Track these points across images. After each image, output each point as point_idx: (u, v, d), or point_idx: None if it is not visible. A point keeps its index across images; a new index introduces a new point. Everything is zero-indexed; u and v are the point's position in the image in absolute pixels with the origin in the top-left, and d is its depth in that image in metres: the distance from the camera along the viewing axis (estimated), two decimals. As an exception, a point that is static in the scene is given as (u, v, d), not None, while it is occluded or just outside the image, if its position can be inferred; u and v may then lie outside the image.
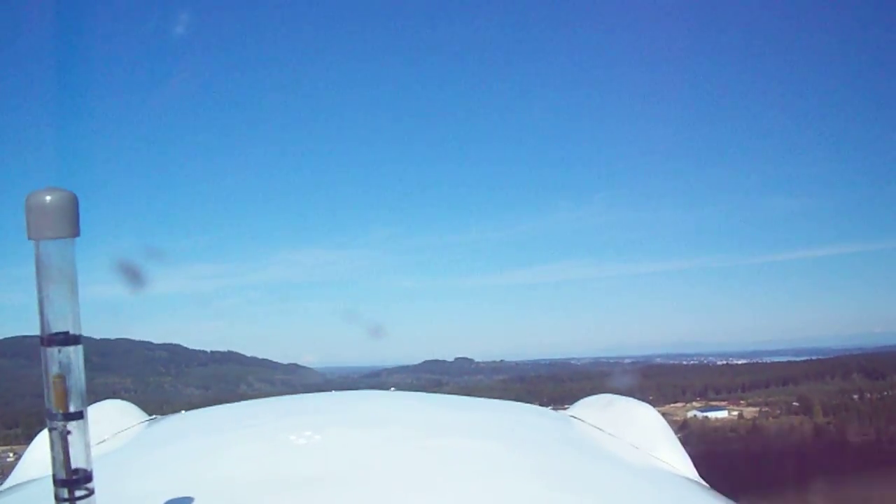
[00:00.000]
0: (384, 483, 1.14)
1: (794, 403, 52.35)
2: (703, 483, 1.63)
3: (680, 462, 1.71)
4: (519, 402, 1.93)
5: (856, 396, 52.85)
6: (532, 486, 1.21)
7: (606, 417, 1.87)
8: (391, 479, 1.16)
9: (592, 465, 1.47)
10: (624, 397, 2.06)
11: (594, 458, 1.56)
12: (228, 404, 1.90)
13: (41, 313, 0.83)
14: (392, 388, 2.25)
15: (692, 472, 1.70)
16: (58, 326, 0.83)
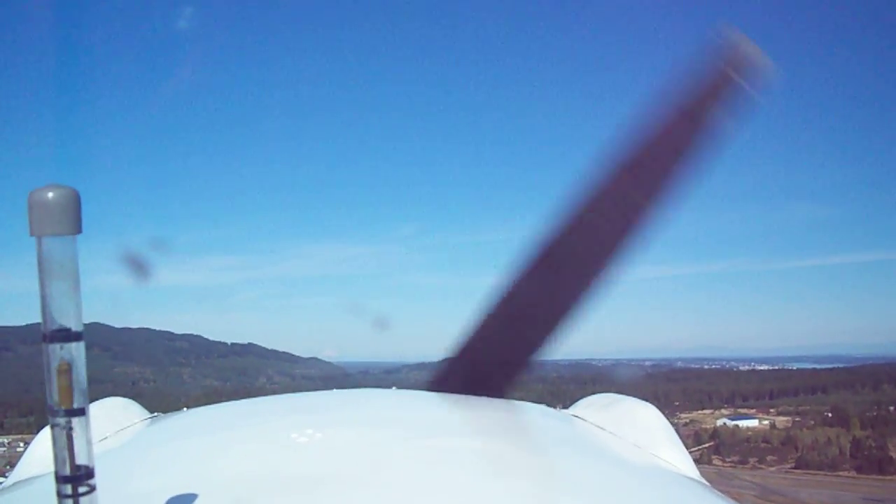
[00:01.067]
0: (384, 482, 1.13)
1: (828, 414, 50.94)
2: (705, 482, 1.62)
3: (681, 462, 1.70)
4: (520, 402, 1.91)
5: (892, 408, 51.33)
6: (533, 485, 1.19)
7: (608, 417, 1.87)
8: (391, 477, 1.15)
9: (594, 464, 1.46)
10: (626, 397, 2.03)
11: (596, 457, 1.55)
12: (229, 402, 1.91)
13: (43, 309, 0.83)
14: (393, 387, 2.27)
15: (694, 472, 1.69)
16: (60, 323, 0.84)
